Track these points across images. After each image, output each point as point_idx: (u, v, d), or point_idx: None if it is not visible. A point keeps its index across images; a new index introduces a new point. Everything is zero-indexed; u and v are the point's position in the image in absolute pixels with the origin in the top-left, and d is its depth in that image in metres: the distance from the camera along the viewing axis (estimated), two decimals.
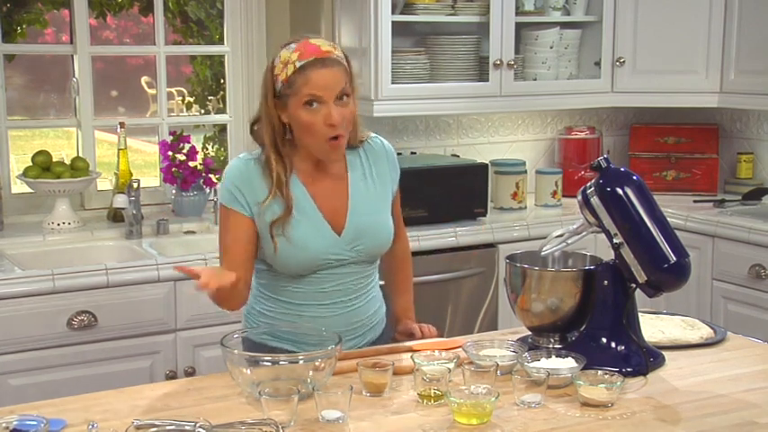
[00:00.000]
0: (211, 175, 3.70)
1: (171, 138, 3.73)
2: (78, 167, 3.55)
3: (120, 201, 3.45)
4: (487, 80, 3.83)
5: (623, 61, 4.05)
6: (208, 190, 3.71)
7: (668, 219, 2.14)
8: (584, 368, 1.97)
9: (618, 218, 2.10)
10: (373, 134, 2.38)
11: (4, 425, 1.70)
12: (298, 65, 2.14)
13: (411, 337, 2.36)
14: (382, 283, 2.48)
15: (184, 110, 5.47)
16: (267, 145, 2.20)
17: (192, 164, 3.70)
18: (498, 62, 3.80)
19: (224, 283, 2.00)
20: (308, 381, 1.88)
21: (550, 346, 2.17)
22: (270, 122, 2.19)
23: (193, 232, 3.59)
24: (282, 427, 1.73)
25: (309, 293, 2.25)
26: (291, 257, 2.21)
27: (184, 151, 3.69)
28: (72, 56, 3.72)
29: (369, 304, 2.33)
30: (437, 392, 1.90)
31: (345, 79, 2.16)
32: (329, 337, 2.04)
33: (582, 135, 4.34)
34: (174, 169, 3.67)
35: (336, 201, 2.25)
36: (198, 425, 1.73)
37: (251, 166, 2.22)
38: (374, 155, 2.33)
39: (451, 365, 1.99)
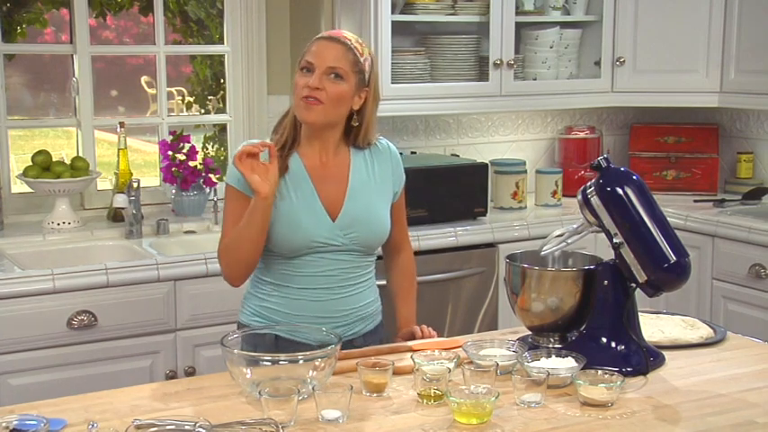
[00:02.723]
0: (211, 175, 3.69)
1: (171, 137, 3.73)
2: (78, 167, 3.55)
3: (120, 200, 3.45)
4: (487, 80, 3.83)
5: (623, 61, 4.05)
6: (208, 190, 3.71)
7: (668, 219, 2.14)
8: (584, 368, 1.98)
9: (618, 218, 2.10)
10: (381, 137, 2.44)
11: (4, 425, 1.70)
12: (312, 40, 2.30)
13: (411, 338, 2.37)
14: (382, 282, 2.49)
15: (184, 110, 5.46)
16: (286, 118, 2.34)
17: (191, 163, 3.70)
18: (498, 62, 3.80)
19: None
20: (308, 381, 1.88)
21: (550, 345, 2.17)
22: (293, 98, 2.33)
23: (193, 232, 3.59)
24: (282, 427, 1.73)
25: (301, 277, 2.30)
26: (283, 234, 2.26)
27: (184, 151, 3.69)
28: (72, 55, 3.72)
29: (361, 295, 2.36)
30: (437, 392, 1.90)
31: (346, 62, 2.25)
32: (328, 335, 2.04)
33: (582, 135, 4.34)
34: (174, 169, 3.67)
35: (336, 190, 2.31)
36: (198, 425, 1.73)
37: None
38: (378, 154, 2.40)
39: (451, 365, 1.99)
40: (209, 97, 5.07)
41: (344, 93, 2.26)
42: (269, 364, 1.91)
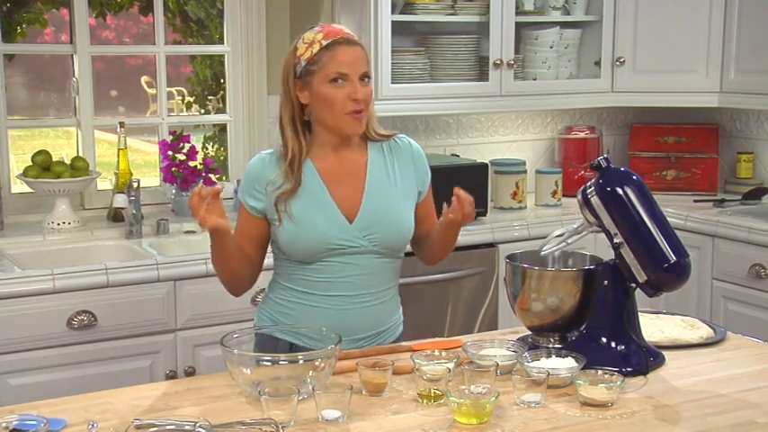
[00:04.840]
0: (211, 175, 3.69)
1: (171, 137, 3.73)
2: (78, 167, 3.55)
3: (120, 200, 3.45)
4: (487, 80, 3.83)
5: (623, 61, 4.05)
6: None
7: (668, 219, 2.15)
8: (584, 368, 1.98)
9: (618, 218, 2.10)
10: (402, 134, 2.41)
11: (4, 425, 1.71)
12: (324, 43, 2.22)
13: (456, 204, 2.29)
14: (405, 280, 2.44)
15: (184, 110, 5.46)
16: (286, 126, 2.27)
17: (191, 163, 3.70)
18: (498, 62, 3.80)
19: (220, 224, 2.08)
20: (308, 381, 1.88)
21: (550, 345, 2.17)
22: (289, 104, 2.26)
23: (193, 232, 3.59)
24: (282, 427, 1.73)
25: (321, 282, 2.26)
26: (296, 237, 2.22)
27: (184, 151, 3.69)
28: (72, 55, 3.72)
29: (384, 305, 2.33)
30: (437, 392, 1.91)
31: (368, 62, 2.25)
32: (328, 335, 2.04)
33: (582, 135, 4.34)
34: (173, 169, 3.67)
35: (352, 190, 2.28)
36: (198, 425, 1.73)
37: (266, 161, 2.28)
38: (398, 151, 2.37)
39: (451, 365, 1.99)
40: (209, 97, 5.07)
41: (371, 91, 2.27)
42: (269, 364, 1.91)
